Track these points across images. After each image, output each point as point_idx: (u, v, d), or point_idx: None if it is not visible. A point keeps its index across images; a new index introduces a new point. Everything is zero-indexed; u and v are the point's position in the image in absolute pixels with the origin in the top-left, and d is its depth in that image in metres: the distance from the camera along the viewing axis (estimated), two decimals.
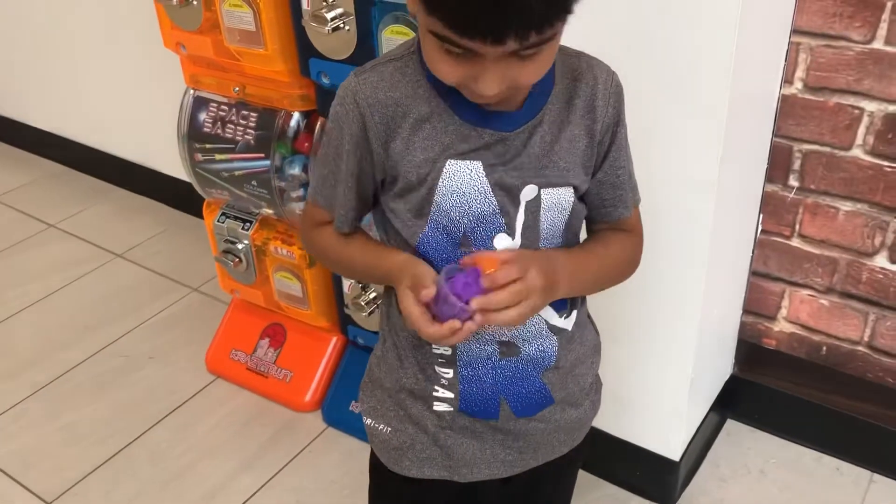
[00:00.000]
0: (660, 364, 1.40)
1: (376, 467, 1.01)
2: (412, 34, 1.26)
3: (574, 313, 0.94)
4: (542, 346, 0.91)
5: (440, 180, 0.82)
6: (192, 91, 1.65)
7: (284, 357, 1.83)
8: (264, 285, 1.78)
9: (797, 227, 1.48)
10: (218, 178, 1.65)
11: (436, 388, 0.91)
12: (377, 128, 0.82)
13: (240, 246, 1.74)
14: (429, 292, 0.79)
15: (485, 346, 0.89)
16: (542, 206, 0.85)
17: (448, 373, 0.90)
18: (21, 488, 1.65)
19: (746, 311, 1.62)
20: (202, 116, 1.63)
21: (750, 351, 1.64)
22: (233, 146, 1.59)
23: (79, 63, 2.58)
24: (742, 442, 1.65)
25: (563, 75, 0.85)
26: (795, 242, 1.50)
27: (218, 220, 1.76)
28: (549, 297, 0.83)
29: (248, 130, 1.57)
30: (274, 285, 1.75)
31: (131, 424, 1.79)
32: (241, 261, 1.74)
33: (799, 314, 1.56)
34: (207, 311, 2.11)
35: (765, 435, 1.66)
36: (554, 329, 0.91)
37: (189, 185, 1.99)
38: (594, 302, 1.40)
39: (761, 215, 1.51)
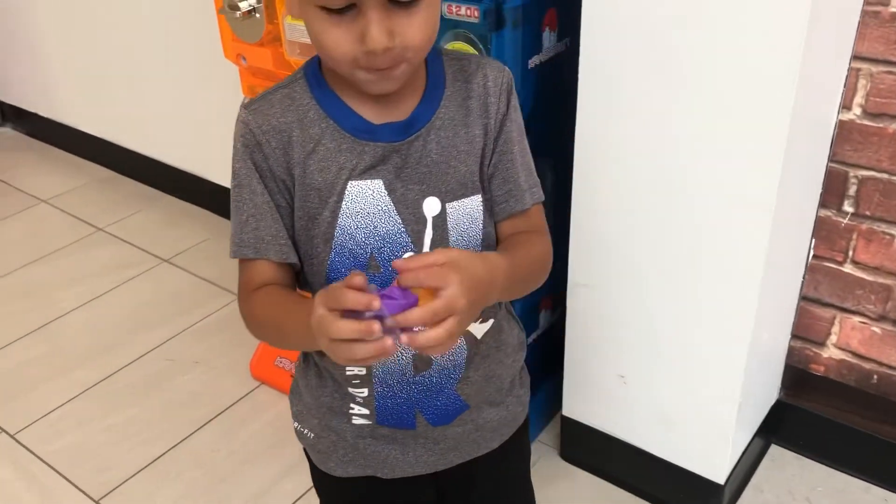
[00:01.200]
0: (708, 386, 1.39)
1: (310, 460, 1.02)
2: (470, 49, 1.28)
3: (490, 320, 0.93)
4: (454, 356, 0.90)
5: (343, 203, 0.82)
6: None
7: None
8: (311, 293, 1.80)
9: (850, 252, 1.47)
10: None
11: (352, 405, 0.92)
12: (276, 154, 0.82)
13: None
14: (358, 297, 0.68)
15: (399, 360, 0.89)
16: (449, 220, 0.85)
17: (363, 392, 0.91)
18: (69, 485, 1.69)
19: (795, 335, 1.60)
20: None
21: (797, 376, 1.63)
22: None
23: (134, 71, 2.64)
24: (787, 468, 1.64)
25: (453, 78, 0.86)
26: (848, 268, 1.49)
27: None
28: (479, 309, 0.76)
29: None
30: None
31: (176, 427, 1.82)
32: None
33: (849, 341, 1.55)
34: None
35: (811, 462, 1.64)
36: (466, 335, 0.90)
37: None
38: (642, 321, 1.41)
39: (813, 240, 1.50)
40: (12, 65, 3.15)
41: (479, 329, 0.92)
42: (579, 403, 1.57)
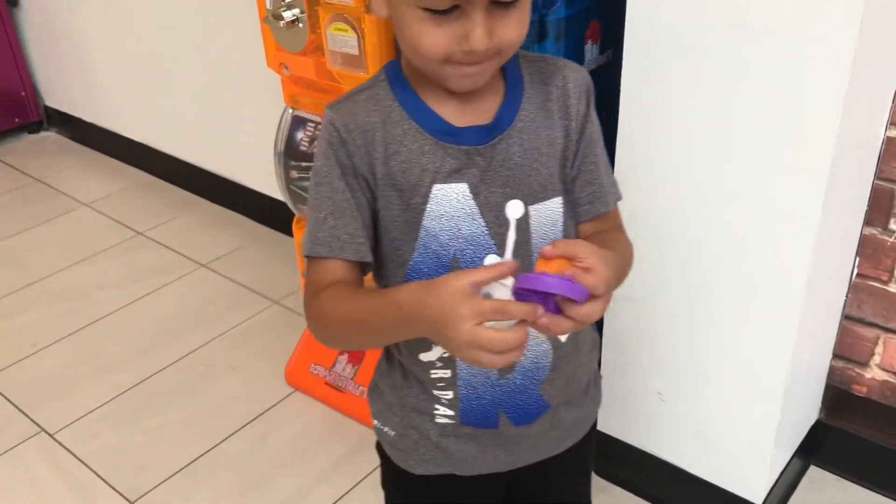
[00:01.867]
0: (747, 404, 1.37)
1: (386, 458, 1.02)
2: None
3: None
4: (537, 358, 0.91)
5: (428, 205, 0.83)
6: (290, 110, 1.70)
7: (362, 374, 1.86)
8: None
9: None
10: None
11: (436, 406, 0.93)
12: (360, 152, 0.83)
13: None
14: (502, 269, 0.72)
15: None
16: (532, 222, 0.86)
17: (448, 394, 0.92)
18: (106, 485, 1.71)
19: (837, 355, 1.58)
20: (299, 135, 1.68)
21: (838, 397, 1.60)
22: None
23: (176, 78, 2.68)
24: (826, 490, 1.60)
25: (532, 81, 0.86)
26: (893, 288, 1.46)
27: None
28: (614, 288, 0.80)
29: None
30: None
31: (211, 432, 1.83)
32: None
33: (893, 362, 1.52)
34: (287, 325, 2.15)
35: (850, 485, 1.61)
36: (553, 340, 0.91)
37: (274, 199, 2.05)
38: (682, 338, 1.39)
39: (858, 258, 1.48)
40: (58, 70, 3.22)
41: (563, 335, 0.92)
42: (615, 419, 1.56)
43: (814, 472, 1.64)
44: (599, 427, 1.59)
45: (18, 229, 2.69)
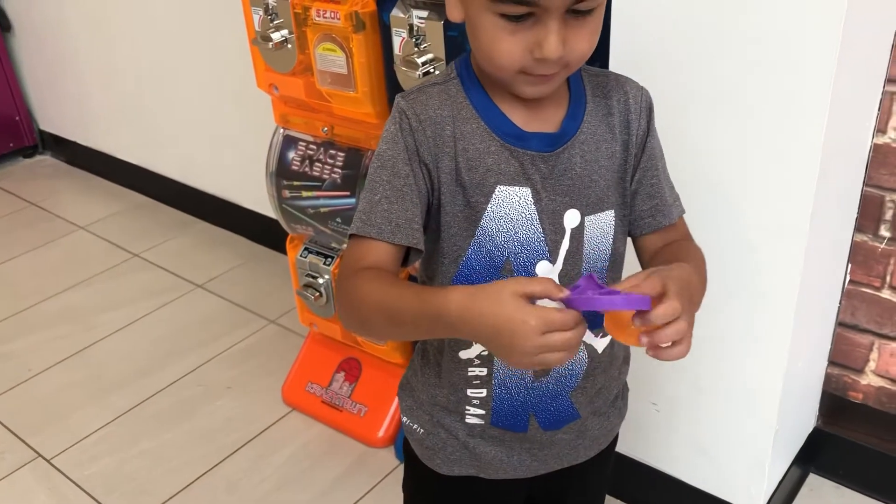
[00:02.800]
0: (743, 414, 1.37)
1: (412, 457, 1.03)
2: None
3: (609, 336, 0.94)
4: (572, 365, 0.92)
5: (489, 205, 0.84)
6: (281, 130, 1.71)
7: (359, 392, 1.85)
8: None
9: (888, 278, 1.45)
10: (304, 215, 1.69)
11: (468, 407, 0.94)
12: (428, 142, 0.84)
13: (321, 280, 1.77)
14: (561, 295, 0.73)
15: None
16: (586, 233, 0.87)
17: (482, 392, 0.93)
18: None
19: (832, 362, 1.58)
20: (291, 155, 1.68)
21: (835, 404, 1.60)
22: (319, 184, 1.64)
23: (170, 100, 2.69)
24: (825, 497, 1.60)
25: (593, 94, 0.88)
26: (886, 294, 1.46)
27: (301, 255, 1.80)
28: (694, 310, 0.81)
29: (335, 169, 1.61)
30: None
31: (209, 453, 1.83)
32: (321, 295, 1.78)
33: (889, 368, 1.52)
34: (284, 344, 2.15)
35: (850, 492, 1.60)
36: (588, 347, 0.92)
37: (269, 219, 2.05)
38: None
39: (850, 265, 1.48)
40: (52, 94, 3.23)
41: (600, 343, 0.94)
42: None
43: (813, 479, 1.64)
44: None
45: (14, 254, 2.69)
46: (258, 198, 2.22)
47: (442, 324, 0.75)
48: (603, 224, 0.88)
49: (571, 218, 0.86)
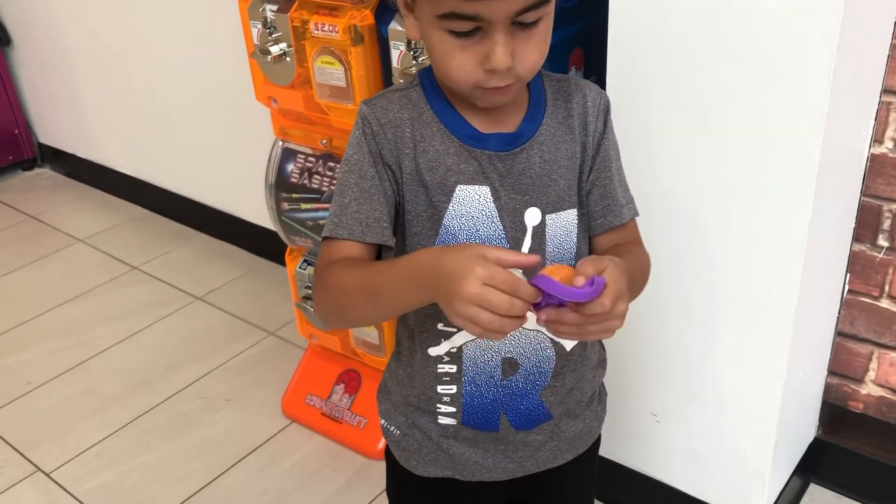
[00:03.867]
0: (743, 424, 1.37)
1: (391, 460, 1.05)
2: None
3: None
4: (540, 364, 0.94)
5: (450, 204, 0.87)
6: (280, 142, 1.71)
7: (359, 403, 1.85)
8: (341, 331, 1.81)
9: (887, 287, 1.45)
10: (302, 227, 1.69)
11: (438, 405, 0.96)
12: (389, 144, 0.87)
13: None
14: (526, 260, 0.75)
15: (489, 363, 0.92)
16: (548, 231, 0.89)
17: (451, 389, 0.94)
18: None
19: (831, 372, 1.58)
20: (290, 167, 1.69)
21: (835, 414, 1.60)
22: (318, 196, 1.64)
23: (168, 113, 2.70)
24: None
25: (554, 98, 0.92)
26: (885, 303, 1.47)
27: (300, 267, 1.80)
28: (631, 299, 0.82)
29: (334, 181, 1.61)
30: (351, 332, 1.77)
31: (209, 465, 1.82)
32: None
33: (889, 377, 1.52)
34: (284, 356, 2.15)
35: (851, 502, 1.60)
36: (556, 345, 0.94)
37: (268, 230, 2.05)
38: (675, 359, 1.39)
39: (848, 275, 1.48)
40: (50, 107, 3.24)
41: (568, 342, 0.95)
42: (613, 442, 1.55)
43: (814, 490, 1.64)
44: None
45: (13, 267, 2.69)
46: (257, 210, 2.22)
47: (411, 280, 0.77)
48: (565, 223, 0.91)
49: (532, 216, 0.88)
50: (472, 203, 0.87)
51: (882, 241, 1.43)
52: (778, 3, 1.07)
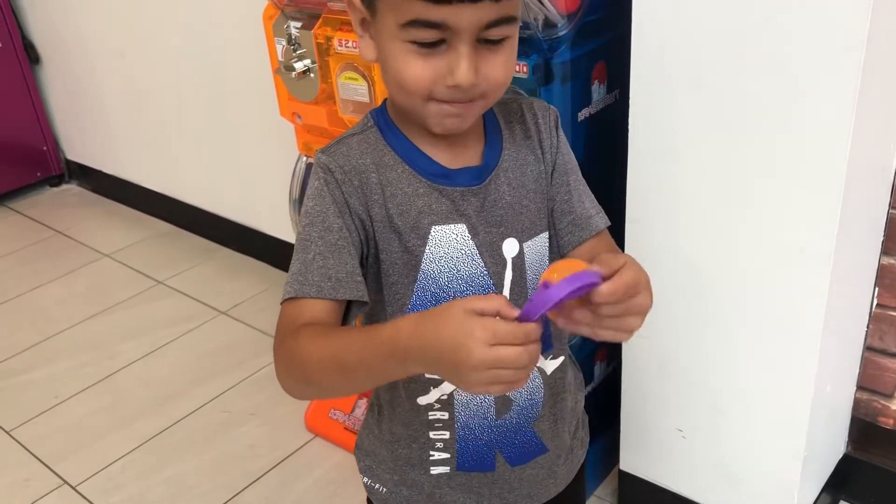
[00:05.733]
0: (771, 440, 1.36)
1: None
2: None
3: (561, 357, 0.94)
4: (532, 395, 0.92)
5: (427, 247, 0.83)
6: (304, 158, 1.72)
7: None
8: None
9: None
10: None
11: (431, 453, 0.92)
12: (356, 192, 0.81)
13: None
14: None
15: (481, 405, 0.89)
16: (527, 260, 0.87)
17: (444, 434, 0.91)
18: None
19: (860, 387, 1.55)
20: None
21: (864, 430, 1.57)
22: None
23: (194, 129, 2.73)
24: None
25: (507, 121, 0.89)
26: None
27: None
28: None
29: None
30: None
31: (233, 480, 1.83)
32: None
33: None
34: None
35: None
36: (542, 374, 0.92)
37: (292, 245, 2.06)
38: (701, 374, 1.38)
39: (877, 288, 1.46)
40: (78, 124, 3.29)
41: (549, 365, 0.92)
42: (637, 457, 1.54)
43: None
44: (622, 466, 1.58)
45: (41, 282, 2.73)
46: (282, 225, 2.23)
47: (394, 359, 0.70)
48: (539, 248, 0.88)
49: (510, 247, 0.85)
50: (449, 243, 0.83)
51: None
52: (804, 15, 1.06)
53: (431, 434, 0.91)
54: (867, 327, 1.50)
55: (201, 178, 2.81)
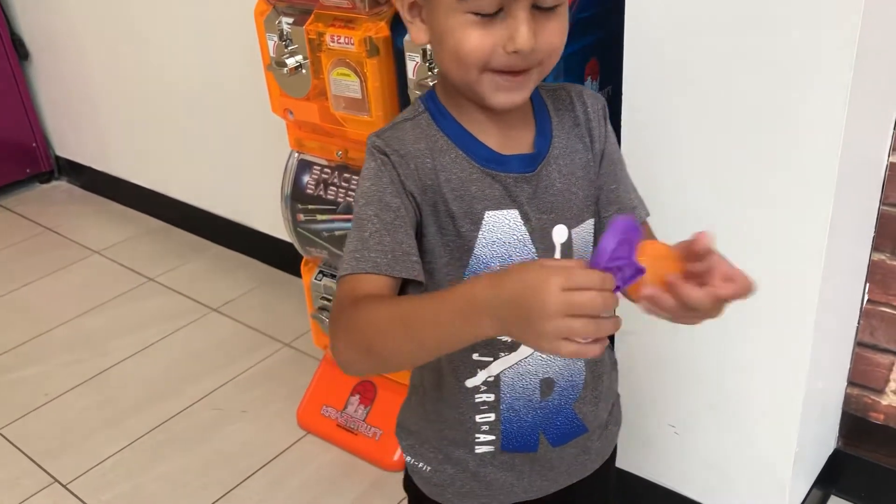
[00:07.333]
0: (763, 435, 1.36)
1: (417, 495, 1.02)
2: None
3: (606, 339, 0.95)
4: (573, 377, 0.93)
5: (480, 232, 0.84)
6: (296, 154, 1.72)
7: (374, 415, 1.85)
8: None
9: None
10: (318, 238, 1.70)
11: (477, 435, 0.93)
12: (412, 176, 0.82)
13: None
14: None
15: (527, 387, 0.91)
16: (574, 246, 0.88)
17: (490, 416, 0.92)
18: None
19: (851, 382, 1.56)
20: (306, 178, 1.69)
21: (855, 425, 1.58)
22: (334, 207, 1.65)
23: (184, 125, 2.72)
24: None
25: (555, 108, 0.90)
26: None
27: (315, 278, 1.81)
28: None
29: (350, 192, 1.62)
30: None
31: (224, 478, 1.82)
32: None
33: None
34: (299, 367, 2.15)
35: None
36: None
37: (284, 242, 2.05)
38: (693, 370, 1.38)
39: (867, 284, 1.47)
40: (68, 121, 3.27)
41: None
42: (629, 453, 1.54)
43: (835, 502, 1.62)
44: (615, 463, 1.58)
45: (31, 279, 2.71)
46: (273, 221, 2.23)
47: (466, 315, 0.69)
48: (585, 234, 0.90)
49: (559, 234, 0.87)
50: (502, 229, 0.84)
51: None
52: (796, 12, 1.06)
53: (477, 417, 0.92)
54: (858, 323, 1.50)
55: (192, 174, 2.80)
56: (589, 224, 0.90)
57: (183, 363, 2.23)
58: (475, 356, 0.89)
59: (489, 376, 0.90)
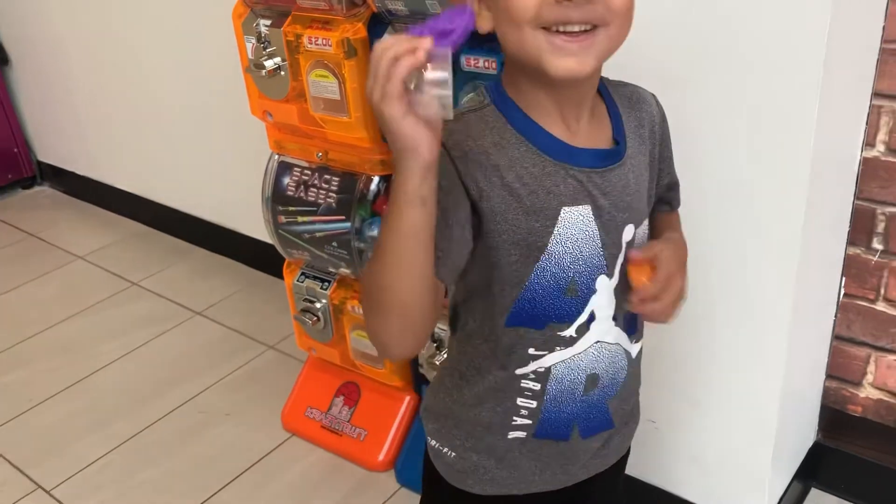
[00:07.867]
0: (742, 429, 1.37)
1: (436, 479, 1.01)
2: None
3: (641, 341, 0.97)
4: (616, 374, 0.93)
5: (555, 228, 0.81)
6: (276, 156, 1.72)
7: (359, 415, 1.85)
8: (340, 344, 1.81)
9: (882, 290, 1.45)
10: (300, 240, 1.70)
11: (515, 418, 0.92)
12: (472, 174, 0.79)
13: (318, 305, 1.78)
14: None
15: (574, 380, 0.90)
16: (635, 245, 0.88)
17: (532, 403, 0.91)
18: None
19: (830, 376, 1.58)
20: (286, 180, 1.69)
21: (834, 417, 1.60)
22: (315, 209, 1.65)
23: (166, 129, 2.71)
24: None
25: (623, 106, 0.88)
26: (881, 306, 1.47)
27: (297, 280, 1.81)
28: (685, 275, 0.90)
29: (330, 194, 1.62)
30: (350, 344, 1.78)
31: (209, 481, 1.82)
32: (319, 319, 1.78)
33: (886, 380, 1.52)
34: (283, 369, 2.15)
35: None
36: (628, 356, 0.94)
37: (266, 244, 2.05)
38: (672, 366, 1.39)
39: (843, 278, 1.48)
40: (49, 126, 3.26)
41: (634, 348, 0.95)
42: None
43: (816, 494, 1.63)
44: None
45: (14, 284, 2.70)
46: (255, 224, 2.22)
47: (395, 197, 0.72)
48: (644, 232, 0.90)
49: (628, 232, 0.86)
50: (576, 225, 0.82)
51: (877, 244, 1.43)
52: (767, 8, 1.08)
53: (519, 400, 0.91)
54: (835, 316, 1.52)
55: (174, 178, 2.80)
56: (646, 223, 0.91)
57: (167, 367, 2.22)
58: (531, 350, 0.87)
59: (540, 367, 0.89)
